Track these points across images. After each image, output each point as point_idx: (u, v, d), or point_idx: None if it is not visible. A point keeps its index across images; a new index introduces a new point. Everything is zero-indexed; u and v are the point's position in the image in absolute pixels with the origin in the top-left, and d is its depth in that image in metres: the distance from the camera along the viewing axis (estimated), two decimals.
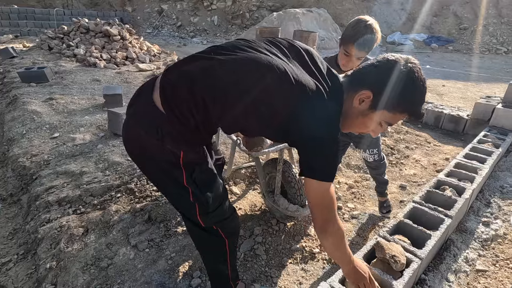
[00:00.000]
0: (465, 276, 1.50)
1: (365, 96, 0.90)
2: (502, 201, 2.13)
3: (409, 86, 0.86)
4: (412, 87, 0.86)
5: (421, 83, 0.87)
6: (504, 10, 12.07)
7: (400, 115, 0.91)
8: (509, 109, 3.06)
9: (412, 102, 0.89)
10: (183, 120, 0.86)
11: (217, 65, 0.85)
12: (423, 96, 0.90)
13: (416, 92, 0.88)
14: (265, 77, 0.83)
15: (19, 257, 1.68)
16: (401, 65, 0.86)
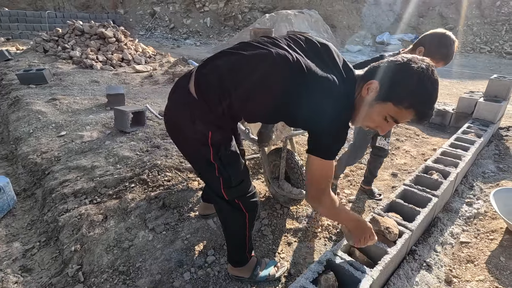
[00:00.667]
0: (451, 247, 1.68)
1: (373, 86, 0.93)
2: (484, 184, 2.34)
3: (418, 83, 0.87)
4: (421, 85, 0.87)
5: (432, 84, 0.88)
6: (486, 11, 12.55)
7: (405, 111, 0.90)
8: (490, 102, 3.29)
9: (419, 100, 0.89)
10: (212, 106, 1.01)
11: (241, 59, 1.00)
12: (432, 97, 0.89)
13: (425, 91, 0.88)
14: (280, 68, 0.98)
15: (42, 244, 1.79)
16: (413, 63, 0.88)
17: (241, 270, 1.43)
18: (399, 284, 1.39)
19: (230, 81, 1.00)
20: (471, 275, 1.48)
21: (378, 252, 1.37)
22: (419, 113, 0.91)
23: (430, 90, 0.89)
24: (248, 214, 1.26)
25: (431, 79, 0.88)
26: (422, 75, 0.87)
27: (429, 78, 0.87)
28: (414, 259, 1.55)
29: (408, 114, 0.91)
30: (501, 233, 1.71)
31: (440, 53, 1.57)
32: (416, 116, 0.92)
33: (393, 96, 0.91)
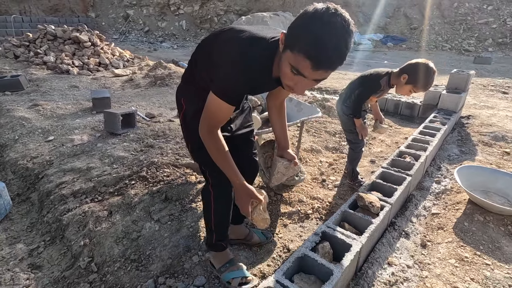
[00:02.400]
0: (424, 218, 1.94)
1: (281, 37, 0.93)
2: (449, 165, 2.66)
3: (304, 25, 0.83)
4: (307, 26, 0.82)
5: (322, 25, 0.81)
6: (446, 12, 13.56)
7: (299, 57, 0.84)
8: (451, 94, 3.68)
9: (305, 42, 0.83)
10: (189, 77, 1.29)
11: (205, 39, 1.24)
12: (320, 39, 0.81)
13: (309, 32, 0.82)
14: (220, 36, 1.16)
15: (47, 243, 1.84)
16: (312, 8, 0.85)
17: (214, 257, 1.48)
18: (383, 249, 1.61)
19: (195, 55, 1.26)
20: (442, 238, 1.73)
21: (364, 223, 1.58)
22: (310, 58, 0.83)
23: (316, 31, 0.81)
24: (213, 191, 1.32)
25: (323, 20, 0.81)
26: (312, 17, 0.83)
27: (319, 19, 0.81)
28: (394, 229, 1.78)
29: (302, 61, 0.84)
30: (465, 204, 2.00)
31: (420, 82, 1.86)
32: (309, 61, 0.83)
33: (288, 42, 0.88)
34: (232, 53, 1.04)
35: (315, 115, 2.04)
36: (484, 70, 7.97)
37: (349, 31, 0.84)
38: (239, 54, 1.03)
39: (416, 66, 1.88)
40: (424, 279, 1.44)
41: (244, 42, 1.05)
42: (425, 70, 1.85)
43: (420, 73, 1.86)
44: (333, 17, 0.82)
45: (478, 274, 1.45)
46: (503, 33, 12.07)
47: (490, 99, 4.97)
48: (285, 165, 1.46)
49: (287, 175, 1.52)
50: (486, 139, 3.16)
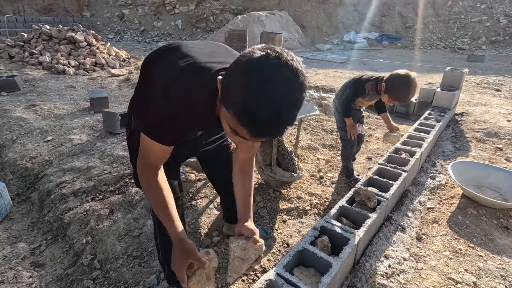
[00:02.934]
0: (419, 212, 1.99)
1: (218, 84, 0.75)
2: (444, 161, 2.71)
3: (246, 79, 0.63)
4: (250, 78, 0.63)
5: (272, 84, 0.61)
6: (440, 10, 13.69)
7: (232, 117, 0.67)
8: (446, 91, 3.74)
9: (242, 100, 0.63)
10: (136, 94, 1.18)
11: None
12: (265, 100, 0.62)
13: (257, 93, 0.62)
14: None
15: (49, 242, 1.86)
16: (249, 52, 0.67)
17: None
18: (380, 243, 1.65)
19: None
20: (436, 231, 1.78)
21: (361, 218, 1.62)
22: (245, 126, 0.66)
23: (251, 93, 0.62)
24: (158, 221, 1.17)
25: (262, 75, 0.62)
26: (247, 70, 0.64)
27: (257, 75, 0.62)
28: (391, 223, 1.82)
29: (238, 126, 0.67)
30: (459, 198, 2.05)
31: (396, 93, 1.83)
32: (245, 130, 0.66)
33: (222, 97, 0.70)
34: (164, 88, 0.88)
35: (312, 113, 2.08)
36: (478, 68, 8.08)
37: (298, 85, 0.64)
38: (170, 90, 0.87)
39: (394, 77, 1.83)
40: (419, 270, 1.49)
41: (180, 75, 0.89)
42: (402, 82, 1.80)
43: (397, 85, 1.81)
44: (275, 70, 0.62)
45: (472, 265, 1.50)
46: (496, 31, 12.22)
47: (484, 96, 5.05)
48: (242, 246, 0.96)
49: (247, 259, 0.98)
50: (479, 135, 3.22)
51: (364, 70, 7.60)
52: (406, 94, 1.81)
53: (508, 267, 1.48)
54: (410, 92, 1.80)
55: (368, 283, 1.41)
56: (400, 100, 1.85)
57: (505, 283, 1.39)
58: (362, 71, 7.48)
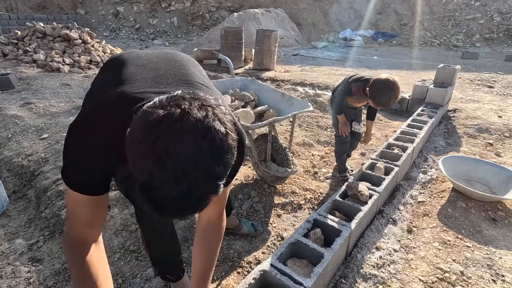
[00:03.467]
0: (411, 206, 2.04)
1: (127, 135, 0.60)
2: (436, 157, 2.77)
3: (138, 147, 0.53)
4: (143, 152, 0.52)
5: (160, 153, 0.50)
6: (435, 8, 13.77)
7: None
8: (438, 88, 3.79)
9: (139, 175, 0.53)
10: None
11: None
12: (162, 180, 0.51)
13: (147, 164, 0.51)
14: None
15: (46, 237, 1.88)
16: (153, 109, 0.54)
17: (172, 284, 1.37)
18: (372, 235, 1.70)
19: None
20: (426, 224, 1.83)
21: (353, 211, 1.66)
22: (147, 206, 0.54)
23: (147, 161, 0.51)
24: (141, 226, 1.22)
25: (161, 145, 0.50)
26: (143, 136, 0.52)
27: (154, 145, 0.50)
28: (383, 216, 1.87)
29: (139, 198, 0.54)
30: (449, 192, 2.10)
31: (378, 99, 1.82)
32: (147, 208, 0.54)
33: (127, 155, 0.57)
34: (80, 116, 0.75)
35: (306, 109, 2.11)
36: (472, 65, 8.17)
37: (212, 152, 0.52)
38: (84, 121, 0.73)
39: (376, 82, 1.82)
40: (409, 261, 1.54)
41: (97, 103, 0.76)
42: (383, 87, 1.79)
43: (379, 90, 1.80)
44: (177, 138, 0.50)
45: (460, 256, 1.55)
46: (490, 29, 12.34)
47: (476, 93, 5.12)
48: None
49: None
50: (471, 131, 3.28)
51: (360, 68, 7.66)
52: (387, 99, 1.79)
53: (494, 257, 1.53)
54: (391, 97, 1.78)
55: (359, 273, 1.46)
56: (382, 105, 1.83)
57: (491, 272, 1.44)
58: (357, 68, 7.53)
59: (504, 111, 3.93)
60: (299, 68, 7.53)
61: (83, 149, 0.71)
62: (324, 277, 1.32)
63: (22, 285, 1.52)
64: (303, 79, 5.97)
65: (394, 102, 1.82)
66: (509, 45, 11.62)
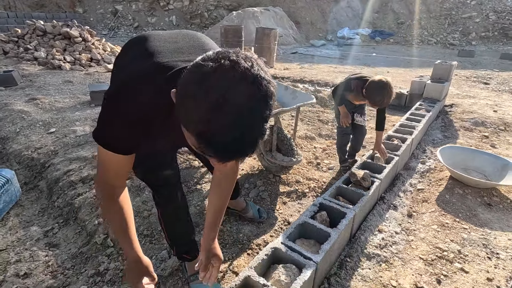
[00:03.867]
0: (410, 193, 2.13)
1: (173, 95, 0.65)
2: (433, 148, 2.86)
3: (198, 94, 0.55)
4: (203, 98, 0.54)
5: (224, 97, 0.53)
6: (431, 6, 13.92)
7: (189, 133, 0.59)
8: (435, 83, 3.90)
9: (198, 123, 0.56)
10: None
11: None
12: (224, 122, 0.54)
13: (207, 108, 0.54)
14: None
15: (61, 224, 1.94)
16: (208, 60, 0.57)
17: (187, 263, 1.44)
18: (374, 219, 1.78)
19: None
20: (426, 209, 1.92)
21: (357, 196, 1.75)
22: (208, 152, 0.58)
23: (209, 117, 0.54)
24: (160, 210, 1.31)
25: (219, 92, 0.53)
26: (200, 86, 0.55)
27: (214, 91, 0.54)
28: (384, 202, 1.96)
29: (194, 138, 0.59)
30: (446, 180, 2.19)
31: (373, 99, 1.91)
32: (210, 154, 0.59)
33: (179, 115, 0.60)
34: (116, 88, 0.82)
35: (309, 101, 2.19)
36: (468, 63, 8.31)
37: (261, 96, 0.56)
38: (122, 91, 0.79)
39: (371, 83, 1.91)
40: (410, 242, 1.63)
41: (133, 76, 0.81)
42: (377, 88, 1.88)
43: (374, 91, 1.90)
44: (231, 85, 0.54)
45: (457, 236, 1.64)
46: (485, 27, 12.51)
47: (473, 89, 5.24)
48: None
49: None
50: (467, 124, 3.39)
51: (358, 65, 7.76)
52: (381, 99, 1.88)
53: (490, 237, 1.62)
54: (384, 97, 1.87)
55: (363, 253, 1.54)
56: (377, 104, 1.92)
57: (486, 250, 1.53)
58: (355, 66, 7.63)
59: (499, 106, 4.05)
60: (298, 65, 7.62)
61: (119, 114, 0.78)
62: (331, 255, 1.40)
63: (41, 268, 1.59)
64: (302, 76, 6.05)
65: (388, 101, 1.91)
66: (504, 43, 11.80)
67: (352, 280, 1.39)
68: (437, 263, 1.47)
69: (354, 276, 1.41)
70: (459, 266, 1.44)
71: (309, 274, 1.18)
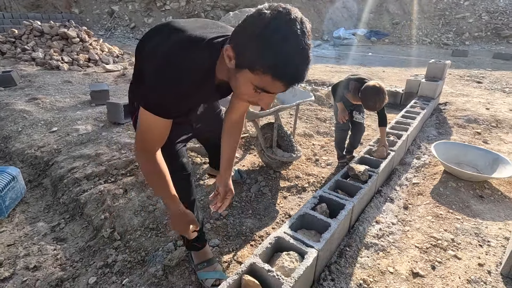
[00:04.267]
0: (406, 187, 2.21)
1: (228, 52, 0.80)
2: (428, 145, 2.95)
3: (270, 38, 0.70)
4: (273, 36, 0.70)
5: (293, 36, 0.71)
6: (425, 7, 14.11)
7: (264, 76, 0.74)
8: (430, 82, 3.99)
9: (272, 57, 0.71)
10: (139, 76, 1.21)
11: None
12: (292, 51, 0.71)
13: (278, 43, 0.70)
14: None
15: (67, 220, 1.99)
16: (263, 12, 0.73)
17: (194, 253, 1.48)
18: (371, 211, 1.86)
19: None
20: (421, 201, 2.00)
21: (355, 189, 1.82)
22: (281, 79, 0.74)
23: (280, 49, 0.71)
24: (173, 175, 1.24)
25: (282, 32, 0.70)
26: (266, 29, 0.71)
27: (278, 32, 0.70)
28: (381, 196, 2.03)
29: (270, 81, 0.75)
30: (440, 174, 2.27)
31: (366, 103, 2.00)
32: (280, 82, 0.75)
33: (245, 61, 0.76)
34: (161, 59, 0.92)
35: (308, 98, 2.26)
36: (461, 62, 8.45)
37: (306, 34, 0.74)
38: (166, 62, 0.90)
39: (365, 88, 1.99)
40: (406, 232, 1.70)
41: (175, 46, 0.93)
42: (370, 93, 1.97)
43: (367, 96, 1.98)
44: (291, 25, 0.71)
45: (450, 226, 1.72)
46: (478, 27, 12.71)
47: (466, 88, 5.36)
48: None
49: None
50: (460, 121, 3.48)
51: (354, 65, 7.86)
52: (373, 104, 1.98)
53: (481, 227, 1.70)
54: (376, 103, 1.96)
55: (362, 242, 1.61)
56: (369, 108, 2.02)
57: (478, 239, 1.61)
58: (352, 66, 7.73)
59: (492, 104, 4.16)
60: None
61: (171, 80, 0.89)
62: (331, 244, 1.47)
63: (50, 261, 1.64)
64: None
65: (380, 106, 1.99)
66: (496, 43, 12.00)
67: (351, 267, 1.46)
68: (432, 251, 1.54)
69: (353, 264, 1.48)
70: (452, 253, 1.51)
71: (311, 260, 1.24)
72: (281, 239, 1.37)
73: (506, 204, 1.92)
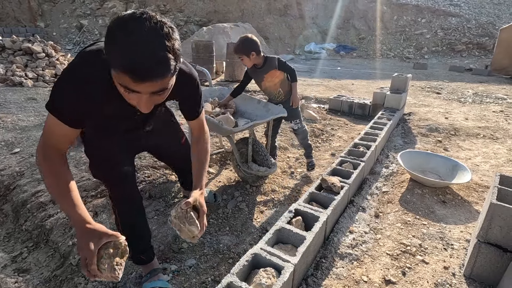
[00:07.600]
0: (376, 195, 2.31)
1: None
2: (395, 154, 3.11)
3: (117, 35, 0.76)
4: (119, 33, 0.76)
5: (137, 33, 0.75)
6: (388, 24, 15.15)
7: (118, 72, 0.78)
8: (394, 94, 4.26)
9: (119, 52, 0.76)
10: None
11: None
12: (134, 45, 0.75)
13: (122, 39, 0.75)
14: None
15: (30, 249, 1.86)
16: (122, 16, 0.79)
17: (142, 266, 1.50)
18: (345, 221, 1.92)
19: None
20: (390, 209, 2.09)
21: (328, 201, 1.87)
22: (128, 73, 0.76)
23: (122, 44, 0.75)
24: (116, 207, 1.39)
25: (127, 29, 0.76)
26: (116, 29, 0.77)
27: (124, 29, 0.76)
28: (353, 205, 2.11)
29: (124, 78, 0.78)
30: (407, 182, 2.41)
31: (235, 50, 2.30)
32: (129, 77, 0.77)
33: (108, 60, 0.81)
34: (67, 65, 0.99)
35: (281, 114, 2.32)
36: (422, 74, 9.10)
37: (161, 33, 0.77)
38: (70, 67, 0.97)
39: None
40: (377, 240, 1.77)
41: (82, 55, 0.99)
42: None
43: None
44: (137, 23, 0.76)
45: (418, 232, 1.82)
46: (435, 42, 13.82)
47: (427, 98, 5.76)
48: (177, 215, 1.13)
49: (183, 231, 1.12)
50: (423, 131, 3.73)
51: (325, 78, 8.19)
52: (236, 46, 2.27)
53: (445, 231, 1.82)
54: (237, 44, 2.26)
55: (337, 253, 1.66)
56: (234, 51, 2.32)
57: (443, 243, 1.71)
58: (322, 79, 8.05)
59: (450, 113, 4.50)
60: None
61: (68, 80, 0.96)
62: (307, 257, 1.49)
63: None
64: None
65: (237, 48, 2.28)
66: (451, 57, 13.08)
67: (327, 279, 1.49)
68: (402, 257, 1.62)
69: (329, 275, 1.51)
70: (420, 258, 1.60)
71: (288, 275, 1.25)
72: (258, 255, 1.38)
73: (466, 208, 2.06)
